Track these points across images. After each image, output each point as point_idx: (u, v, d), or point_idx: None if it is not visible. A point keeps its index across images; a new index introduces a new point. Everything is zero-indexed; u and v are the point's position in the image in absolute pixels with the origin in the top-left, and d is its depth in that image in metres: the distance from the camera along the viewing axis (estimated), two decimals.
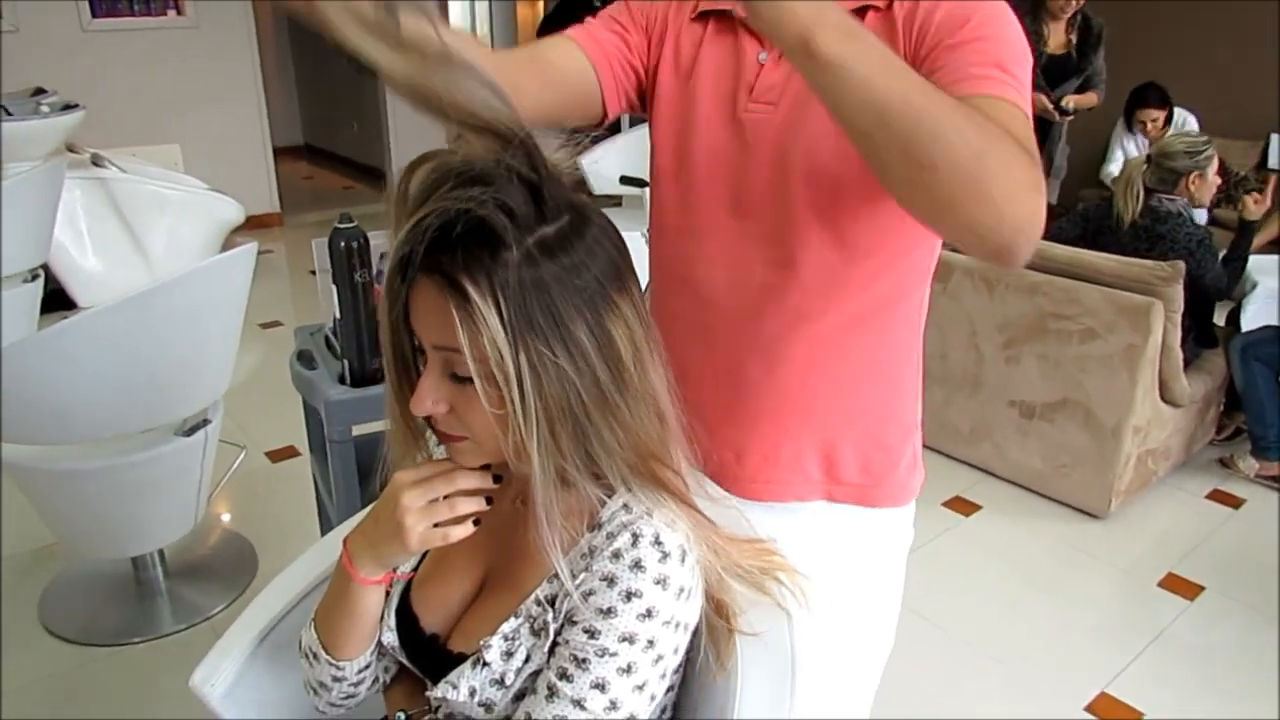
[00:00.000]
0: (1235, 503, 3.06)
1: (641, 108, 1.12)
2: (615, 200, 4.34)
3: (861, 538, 1.13)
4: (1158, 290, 2.63)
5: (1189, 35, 5.33)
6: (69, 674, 2.23)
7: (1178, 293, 2.65)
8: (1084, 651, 2.36)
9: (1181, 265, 2.63)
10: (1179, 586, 2.61)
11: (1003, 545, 2.78)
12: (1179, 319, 2.70)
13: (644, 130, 1.16)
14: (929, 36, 0.89)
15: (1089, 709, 2.14)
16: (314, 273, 1.74)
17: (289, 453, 3.27)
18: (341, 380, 1.65)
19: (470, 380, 0.76)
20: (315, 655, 0.96)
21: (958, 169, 0.70)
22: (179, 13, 5.60)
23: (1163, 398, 2.83)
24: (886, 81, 0.70)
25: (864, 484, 1.10)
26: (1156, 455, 2.95)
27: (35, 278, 3.47)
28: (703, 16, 1.05)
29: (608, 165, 3.93)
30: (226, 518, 2.93)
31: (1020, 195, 0.72)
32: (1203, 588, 2.60)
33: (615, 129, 5.25)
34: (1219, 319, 3.30)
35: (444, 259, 0.74)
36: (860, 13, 0.94)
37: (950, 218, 0.74)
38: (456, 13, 9.12)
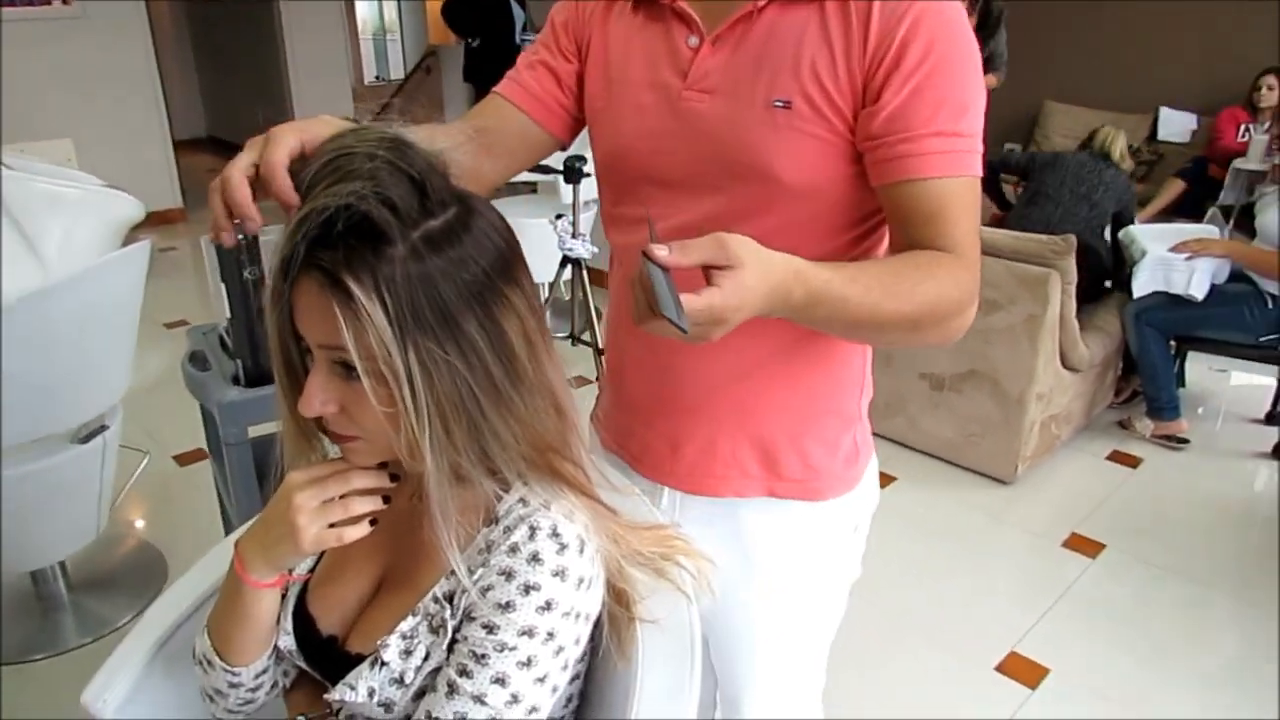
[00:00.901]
0: (1134, 462, 3.19)
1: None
2: (531, 187, 4.31)
3: (808, 529, 1.12)
4: (1053, 262, 2.72)
5: (1083, 15, 5.50)
6: None
7: (1071, 265, 2.74)
8: (995, 613, 2.44)
9: (1073, 239, 2.72)
10: (1082, 545, 2.72)
11: (918, 514, 2.85)
12: (1074, 289, 2.80)
13: None
14: (899, 69, 0.89)
15: (999, 668, 2.22)
16: (208, 270, 1.69)
17: (198, 455, 3.17)
18: (235, 381, 1.60)
19: (359, 378, 0.75)
20: (210, 662, 0.94)
21: (903, 340, 0.93)
22: (64, 1, 5.35)
23: (1063, 364, 2.93)
24: (837, 323, 0.88)
25: (805, 479, 1.09)
26: (1059, 420, 3.06)
27: None
28: (636, 5, 1.03)
29: None
30: (138, 524, 2.83)
31: (954, 330, 0.93)
32: (1104, 545, 2.71)
33: None
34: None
35: (325, 256, 0.72)
36: (806, 1, 0.92)
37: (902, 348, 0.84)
38: (365, 8, 8.93)
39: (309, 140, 0.81)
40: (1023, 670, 2.22)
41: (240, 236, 1.49)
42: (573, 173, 2.78)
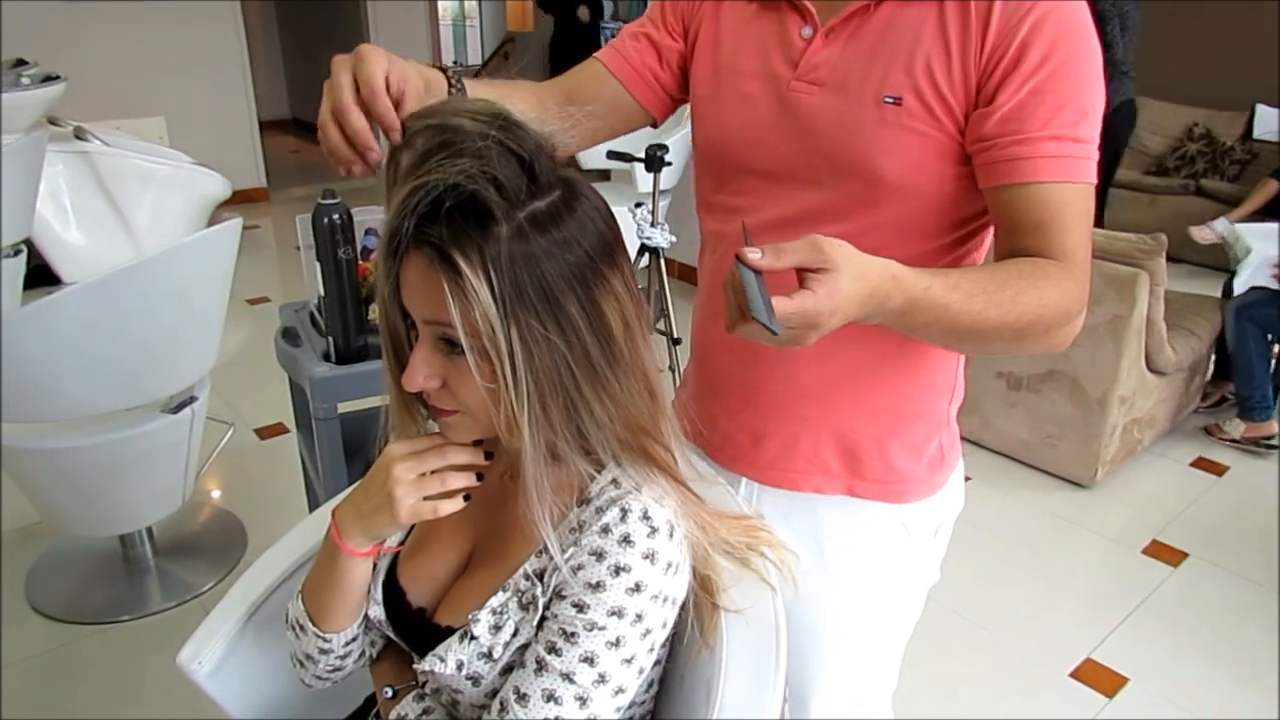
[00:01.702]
0: (1219, 470, 3.08)
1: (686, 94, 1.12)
2: (604, 175, 4.31)
3: (887, 530, 1.10)
4: (1142, 262, 2.64)
5: (1177, 9, 5.30)
6: (56, 652, 2.24)
7: (1161, 265, 2.66)
8: (1070, 619, 2.38)
9: (1164, 238, 2.64)
10: (1163, 553, 2.64)
11: (991, 515, 2.80)
12: (1162, 291, 2.71)
13: None
14: (1017, 72, 0.87)
15: (1074, 675, 2.17)
16: (300, 248, 1.72)
17: (278, 429, 3.26)
18: (326, 357, 1.64)
19: (462, 354, 0.76)
20: (302, 627, 0.96)
21: (1007, 349, 0.89)
22: None
23: (1148, 367, 2.84)
24: (937, 331, 0.85)
25: (887, 480, 1.08)
26: (1142, 424, 2.97)
27: (18, 253, 3.43)
28: None
29: None
30: (216, 495, 2.92)
31: (1059, 341, 0.90)
32: (1186, 554, 2.63)
33: None
34: (1215, 290, 3.35)
35: (434, 232, 0.73)
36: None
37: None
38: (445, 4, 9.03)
39: (393, 72, 0.81)
40: (1099, 678, 2.16)
41: (337, 217, 1.53)
42: (654, 161, 2.77)
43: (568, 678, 0.80)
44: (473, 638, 0.85)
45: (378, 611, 0.95)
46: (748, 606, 0.93)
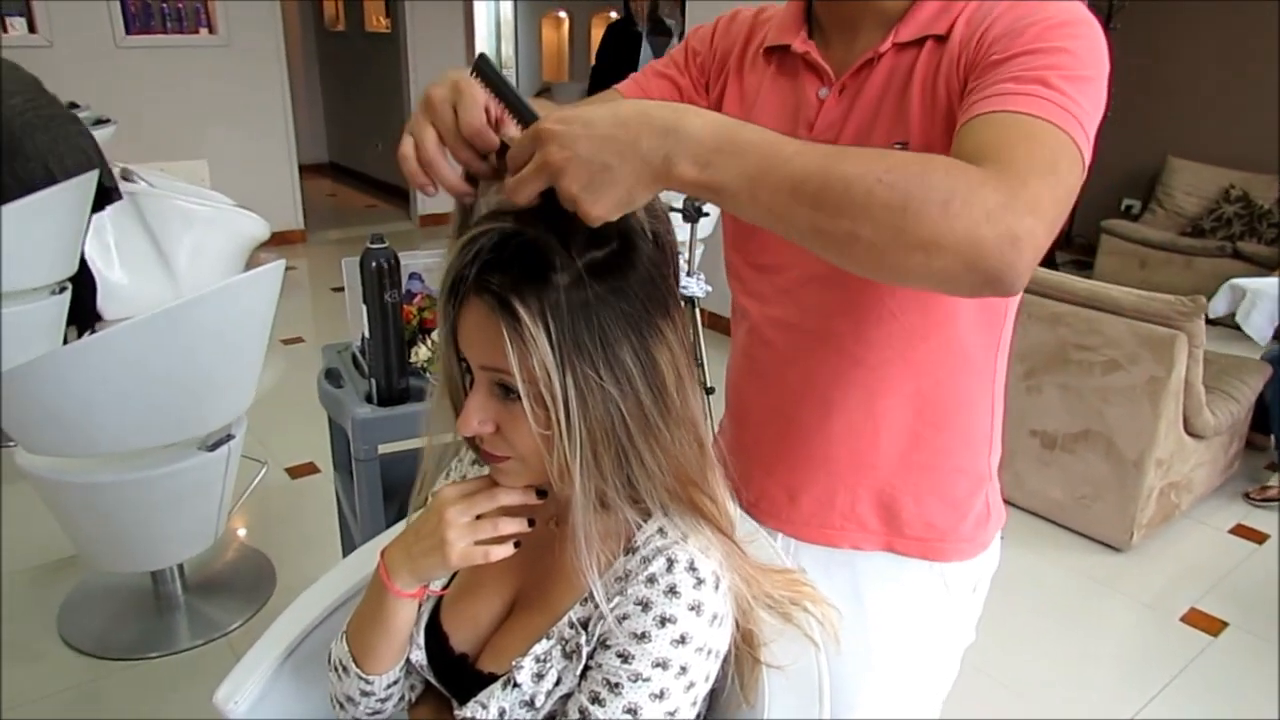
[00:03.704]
0: (1259, 538, 3.02)
1: None
2: None
3: (926, 589, 1.09)
4: (1180, 324, 2.61)
5: (1211, 69, 5.32)
6: (84, 687, 2.24)
7: (1200, 327, 2.63)
8: (1105, 686, 2.33)
9: (1203, 300, 2.62)
10: (1202, 622, 2.58)
11: (1022, 576, 2.75)
12: (1201, 353, 2.69)
13: None
14: (982, 52, 0.85)
15: None
16: (336, 290, 1.75)
17: (308, 469, 3.28)
18: (368, 399, 1.65)
19: (517, 400, 0.77)
20: (345, 668, 0.96)
21: (885, 231, 0.65)
22: (211, 30, 5.70)
23: (1186, 430, 2.80)
24: (769, 183, 0.67)
25: (928, 538, 1.06)
26: (1179, 488, 2.92)
27: (63, 290, 3.51)
28: (768, 52, 1.04)
29: None
30: (245, 533, 2.94)
31: (979, 224, 0.64)
32: (1226, 623, 2.57)
33: None
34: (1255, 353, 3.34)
35: (495, 280, 0.75)
36: (919, 42, 0.92)
37: (913, 276, 0.68)
38: (483, 33, 9.23)
39: (461, 99, 0.77)
40: None
41: (385, 261, 1.56)
42: (691, 212, 2.80)
43: None
44: (515, 685, 0.85)
45: (419, 656, 0.95)
46: (790, 662, 0.92)
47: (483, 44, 9.44)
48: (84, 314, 4.06)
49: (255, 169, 6.05)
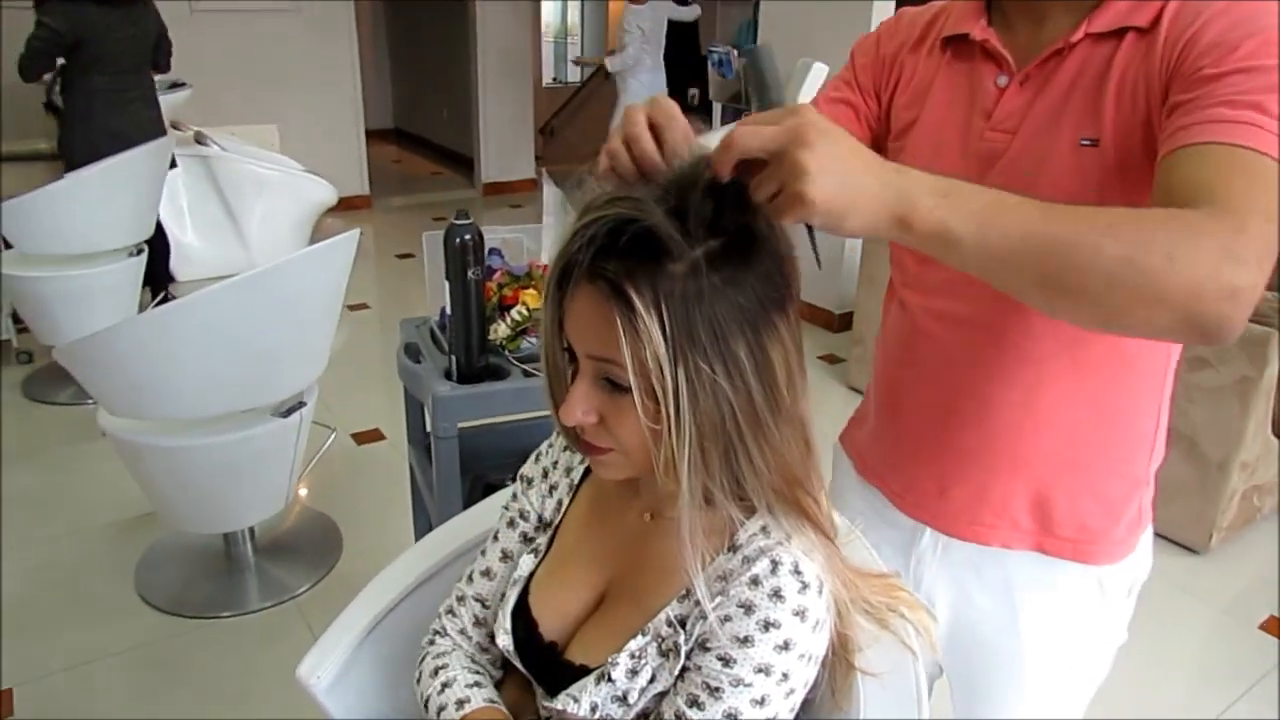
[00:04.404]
0: None
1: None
2: None
3: (1079, 591, 1.07)
4: (1274, 320, 2.51)
5: None
6: (159, 643, 2.30)
7: None
8: (1179, 692, 2.27)
9: None
10: None
11: None
12: None
13: None
14: (1189, 62, 0.80)
15: None
16: (401, 256, 1.74)
17: (374, 436, 3.32)
18: (448, 375, 1.65)
19: (623, 391, 0.75)
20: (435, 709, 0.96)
21: (1111, 285, 0.65)
22: None
23: (1275, 432, 2.70)
24: (999, 229, 0.67)
25: (1080, 540, 1.04)
26: (1262, 492, 2.82)
27: (140, 252, 3.58)
28: (945, 43, 1.01)
29: None
30: (312, 498, 2.98)
31: (1201, 279, 0.64)
32: None
33: None
34: None
35: (610, 266, 0.72)
36: (1119, 34, 0.87)
37: (1132, 328, 0.69)
38: (550, 10, 9.18)
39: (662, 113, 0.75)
40: None
41: (469, 238, 1.54)
42: None
43: None
44: (609, 680, 0.83)
45: (506, 640, 0.94)
46: (886, 670, 0.89)
47: (549, 12, 9.40)
48: (158, 276, 4.15)
49: (323, 134, 6.12)
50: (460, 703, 0.95)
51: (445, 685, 0.97)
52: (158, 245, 3.95)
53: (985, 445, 1.03)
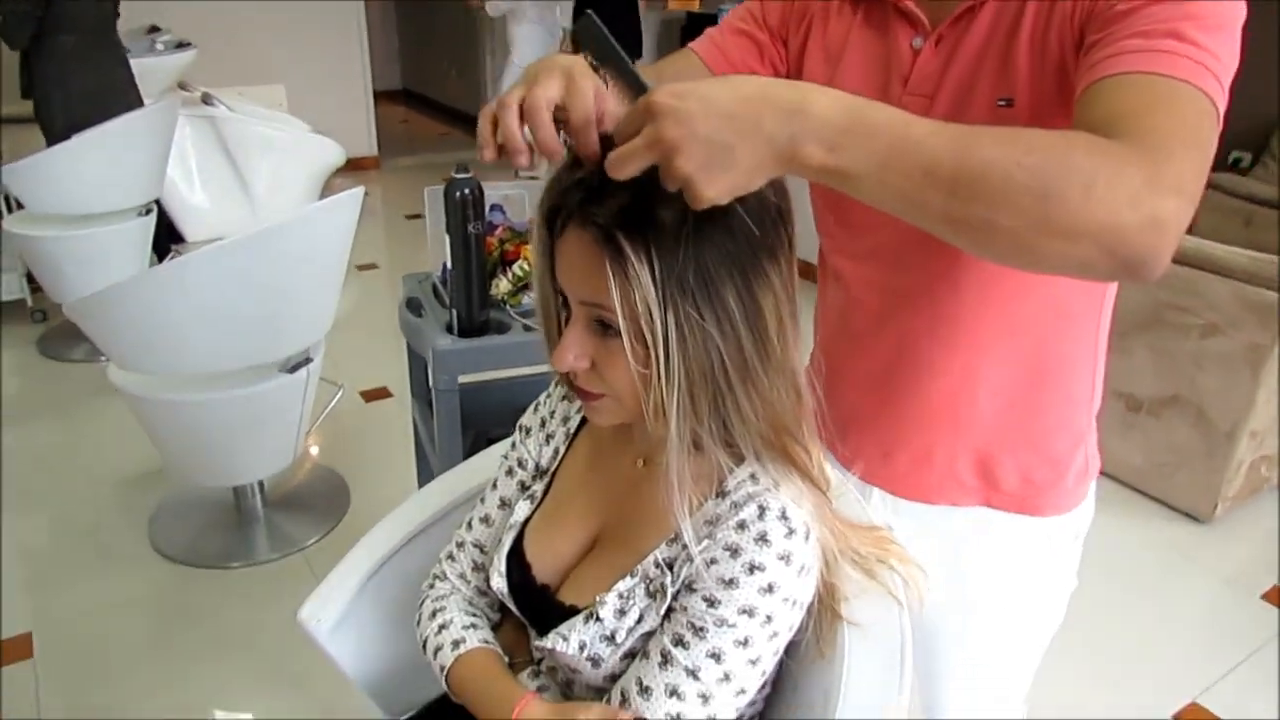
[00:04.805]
0: None
1: None
2: None
3: (1027, 543, 1.08)
4: None
5: None
6: (172, 592, 2.35)
7: None
8: (1177, 659, 2.28)
9: None
10: None
11: (1098, 542, 2.66)
12: None
13: None
14: (1102, 1, 0.78)
15: (1176, 718, 2.07)
16: (410, 217, 1.75)
17: (381, 394, 3.35)
18: (449, 329, 1.66)
19: (614, 336, 0.76)
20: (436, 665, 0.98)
21: (1024, 219, 0.62)
22: None
23: None
24: (900, 167, 0.64)
25: (1025, 494, 1.04)
26: (1270, 462, 2.81)
27: (148, 212, 3.59)
28: (856, 2, 0.99)
29: None
30: (321, 453, 3.01)
31: (1121, 209, 0.61)
32: None
33: None
34: None
35: (599, 212, 0.73)
36: None
37: (1052, 264, 0.65)
38: None
39: (572, 94, 0.71)
40: None
41: (469, 192, 1.55)
42: None
43: (692, 674, 0.80)
44: (598, 619, 0.85)
45: (500, 583, 0.96)
46: (871, 619, 0.91)
47: None
48: (160, 240, 4.14)
49: (331, 95, 6.09)
50: (456, 643, 0.97)
51: (442, 627, 0.99)
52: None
53: (925, 411, 1.03)
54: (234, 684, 2.05)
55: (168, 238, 4.24)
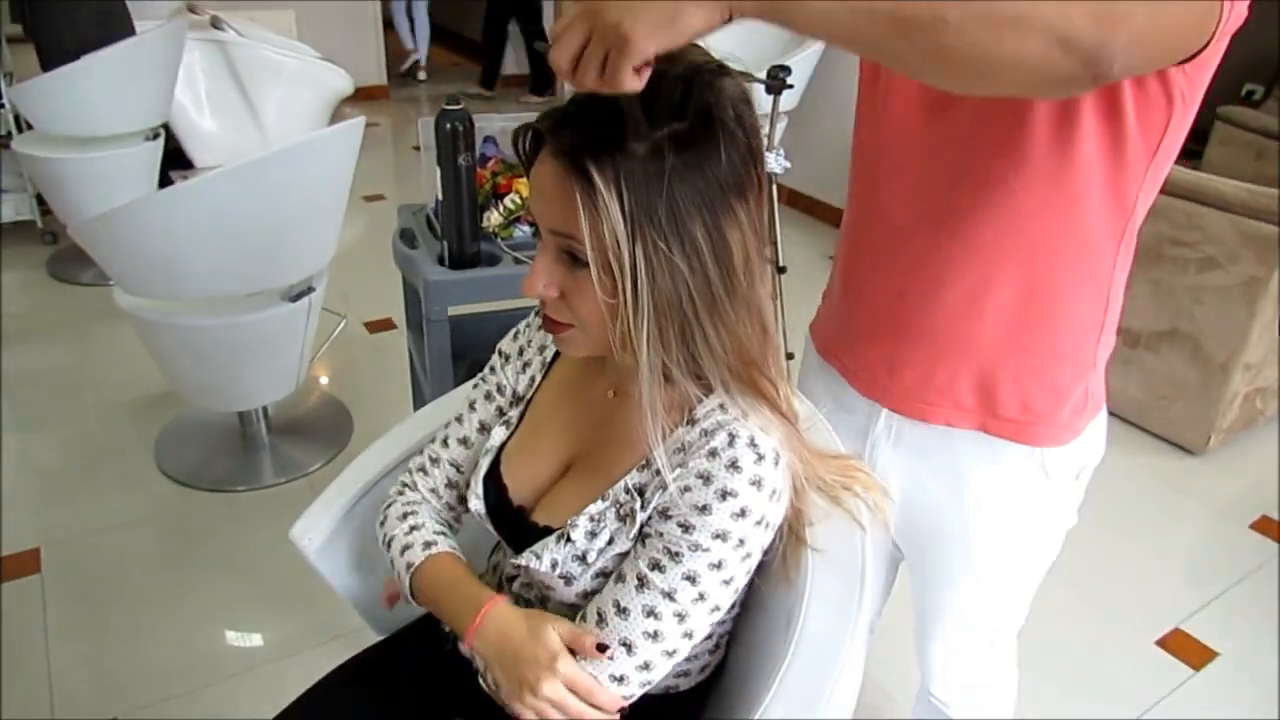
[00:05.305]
0: None
1: None
2: None
3: (1024, 472, 1.09)
4: None
5: None
6: (176, 513, 2.42)
7: None
8: (1164, 587, 2.32)
9: None
10: (1272, 530, 2.53)
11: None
12: None
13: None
14: None
15: (1160, 643, 2.13)
16: (417, 149, 1.75)
17: (386, 324, 3.38)
18: (441, 261, 1.67)
19: (583, 266, 0.78)
20: (403, 563, 1.01)
21: (972, 12, 0.64)
22: None
23: None
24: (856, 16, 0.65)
25: (1022, 421, 1.05)
26: (1265, 394, 2.82)
27: (156, 136, 3.59)
28: None
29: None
30: (325, 381, 3.06)
31: (1044, 29, 0.63)
32: None
33: None
34: None
35: (570, 141, 0.75)
36: None
37: (1005, 69, 0.66)
38: None
39: None
40: (1187, 649, 2.12)
41: (459, 124, 1.55)
42: (776, 83, 2.69)
43: (669, 595, 0.83)
44: (569, 540, 0.89)
45: (478, 505, 0.99)
46: (834, 545, 0.94)
47: None
48: (173, 160, 4.13)
49: (340, 22, 6.00)
50: (427, 545, 1.01)
51: (414, 528, 1.03)
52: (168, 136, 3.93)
53: (932, 328, 1.05)
54: (238, 604, 2.12)
55: (176, 163, 4.25)
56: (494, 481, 1.00)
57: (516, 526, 0.97)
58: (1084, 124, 0.89)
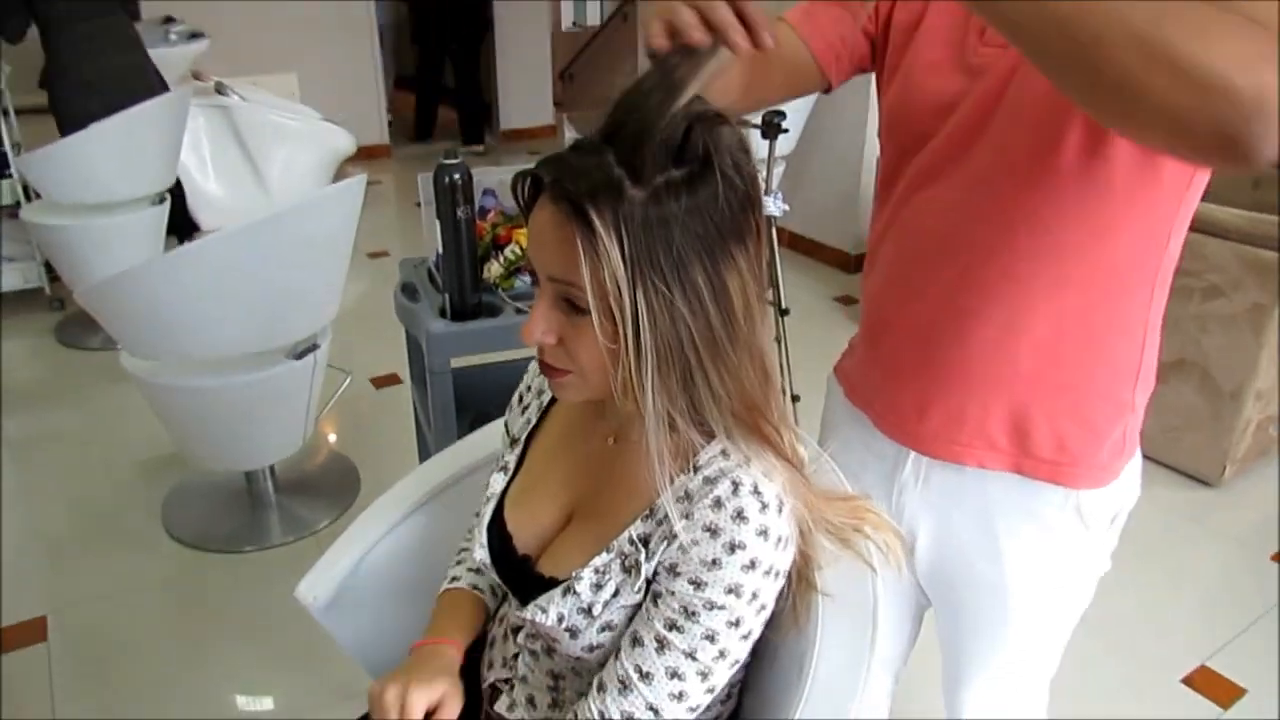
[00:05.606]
0: None
1: (873, 66, 1.10)
2: None
3: (1058, 515, 1.05)
4: None
5: None
6: (185, 576, 2.41)
7: None
8: (1187, 622, 2.28)
9: None
10: None
11: None
12: None
13: None
14: None
15: (1186, 681, 2.08)
16: (420, 205, 1.77)
17: (392, 380, 3.38)
18: (443, 313, 1.68)
19: (582, 313, 0.78)
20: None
21: (1134, 40, 0.60)
22: None
23: None
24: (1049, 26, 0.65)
25: (1059, 461, 1.02)
26: (1276, 422, 2.79)
27: (163, 200, 3.64)
28: None
29: None
30: (332, 438, 3.06)
31: (1231, 63, 0.59)
32: None
33: None
34: None
35: (570, 186, 0.75)
36: None
37: (1146, 109, 0.62)
38: None
39: None
40: (1214, 687, 2.07)
41: (457, 177, 1.56)
42: (771, 128, 2.73)
43: (690, 655, 0.82)
44: (574, 593, 0.87)
45: (483, 554, 0.98)
46: (845, 590, 0.92)
47: None
48: (178, 226, 4.18)
49: (342, 83, 6.11)
50: (453, 578, 1.08)
51: (458, 562, 1.10)
52: (176, 194, 3.98)
53: (965, 364, 1.02)
54: (249, 667, 2.09)
55: (183, 227, 4.29)
56: (498, 529, 0.99)
57: (522, 576, 0.96)
58: (1116, 155, 0.88)
